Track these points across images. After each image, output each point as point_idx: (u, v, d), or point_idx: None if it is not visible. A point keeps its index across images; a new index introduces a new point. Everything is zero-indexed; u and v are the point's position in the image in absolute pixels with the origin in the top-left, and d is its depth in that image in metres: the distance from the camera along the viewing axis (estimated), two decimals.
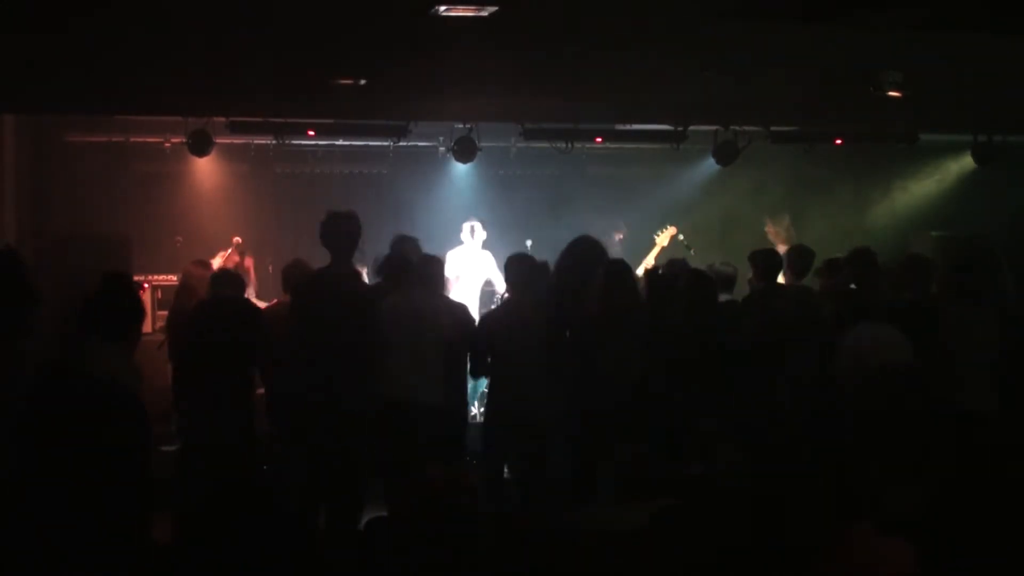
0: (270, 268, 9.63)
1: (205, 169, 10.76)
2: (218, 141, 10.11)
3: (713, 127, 10.58)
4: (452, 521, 3.32)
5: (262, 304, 7.89)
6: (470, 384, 7.76)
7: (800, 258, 7.81)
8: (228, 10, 5.34)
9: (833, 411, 6.77)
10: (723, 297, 8.03)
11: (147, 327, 8.61)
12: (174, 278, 9.12)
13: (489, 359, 6.93)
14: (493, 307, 7.45)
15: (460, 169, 10.91)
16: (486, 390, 7.49)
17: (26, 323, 4.63)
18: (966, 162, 11.57)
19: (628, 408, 6.60)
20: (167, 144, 10.49)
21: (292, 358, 6.64)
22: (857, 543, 3.80)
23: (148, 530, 4.21)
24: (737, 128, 10.53)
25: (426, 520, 3.35)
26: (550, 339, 6.73)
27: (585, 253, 6.95)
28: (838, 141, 11.10)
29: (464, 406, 7.29)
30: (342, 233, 6.62)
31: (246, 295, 7.70)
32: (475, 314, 7.70)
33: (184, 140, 10.01)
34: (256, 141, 10.65)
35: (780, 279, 7.79)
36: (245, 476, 6.53)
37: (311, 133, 10.42)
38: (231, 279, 7.39)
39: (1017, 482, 5.23)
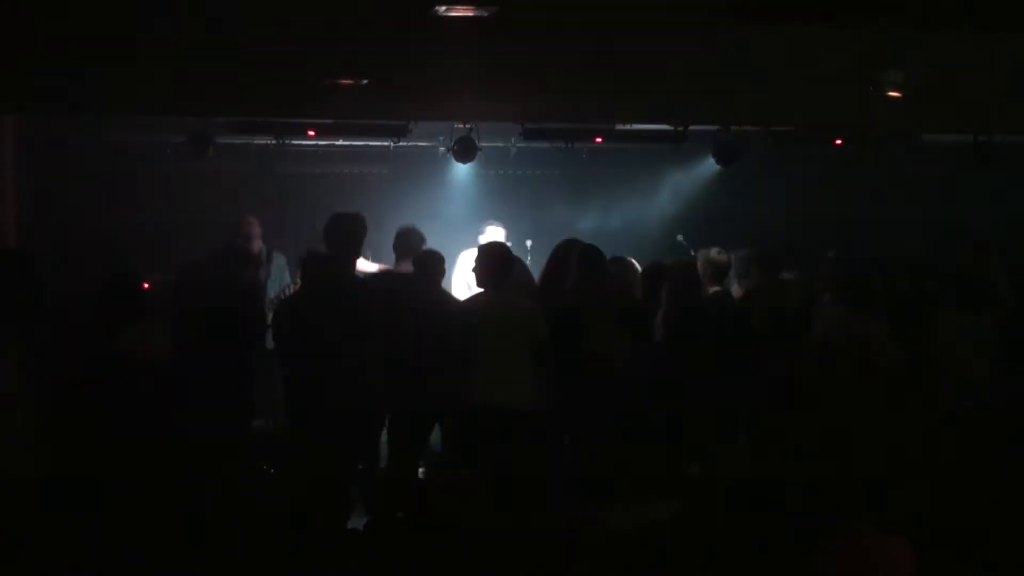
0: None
1: (205, 169, 10.74)
2: (218, 141, 10.11)
3: (713, 127, 10.58)
4: (452, 525, 3.32)
5: None
6: None
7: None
8: (228, 10, 5.34)
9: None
10: (713, 289, 8.02)
11: None
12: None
13: None
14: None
15: (460, 169, 10.89)
16: None
17: (33, 321, 4.76)
18: (965, 162, 11.55)
19: (616, 394, 6.61)
20: (167, 144, 10.48)
21: (292, 356, 6.67)
22: (857, 543, 3.80)
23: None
24: (737, 128, 10.53)
25: (426, 523, 3.35)
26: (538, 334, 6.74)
27: (565, 253, 7.05)
28: (838, 141, 11.10)
29: None
30: (346, 233, 6.65)
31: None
32: None
33: (184, 140, 10.02)
34: (256, 141, 10.64)
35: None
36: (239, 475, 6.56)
37: (311, 133, 10.41)
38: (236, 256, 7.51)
39: (1014, 480, 5.23)
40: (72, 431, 5.31)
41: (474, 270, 6.81)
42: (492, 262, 6.72)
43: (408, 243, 7.63)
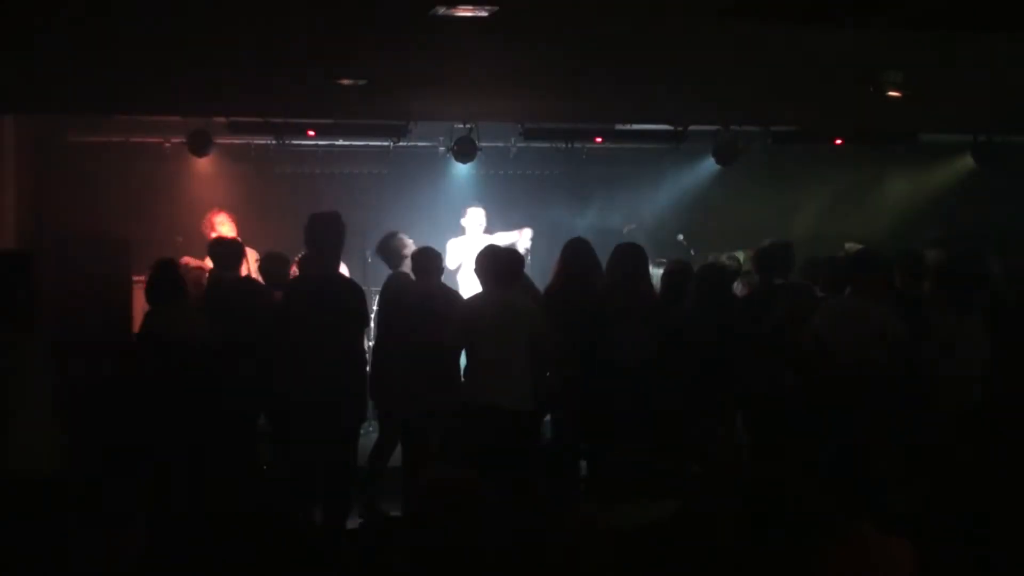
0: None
1: (205, 169, 10.75)
2: (218, 141, 10.11)
3: (713, 127, 10.59)
4: (456, 523, 3.32)
5: None
6: None
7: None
8: (228, 10, 5.34)
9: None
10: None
11: None
12: None
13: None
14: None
15: (460, 169, 10.90)
16: None
17: (30, 319, 4.86)
18: (966, 162, 11.57)
19: (637, 394, 6.60)
20: (167, 144, 10.50)
21: (282, 358, 6.66)
22: (857, 543, 3.80)
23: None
24: (737, 128, 10.53)
25: (429, 521, 3.34)
26: (553, 331, 6.76)
27: (581, 249, 7.10)
28: (838, 141, 11.11)
29: None
30: (327, 234, 6.65)
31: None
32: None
33: (184, 140, 10.03)
34: (256, 141, 10.65)
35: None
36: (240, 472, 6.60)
37: (311, 133, 10.41)
38: (231, 250, 7.60)
39: (1014, 480, 5.24)
40: (94, 416, 6.02)
41: (476, 271, 6.80)
42: (500, 266, 6.70)
43: (392, 249, 7.59)
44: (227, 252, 7.72)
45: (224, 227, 9.36)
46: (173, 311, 6.64)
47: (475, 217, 9.77)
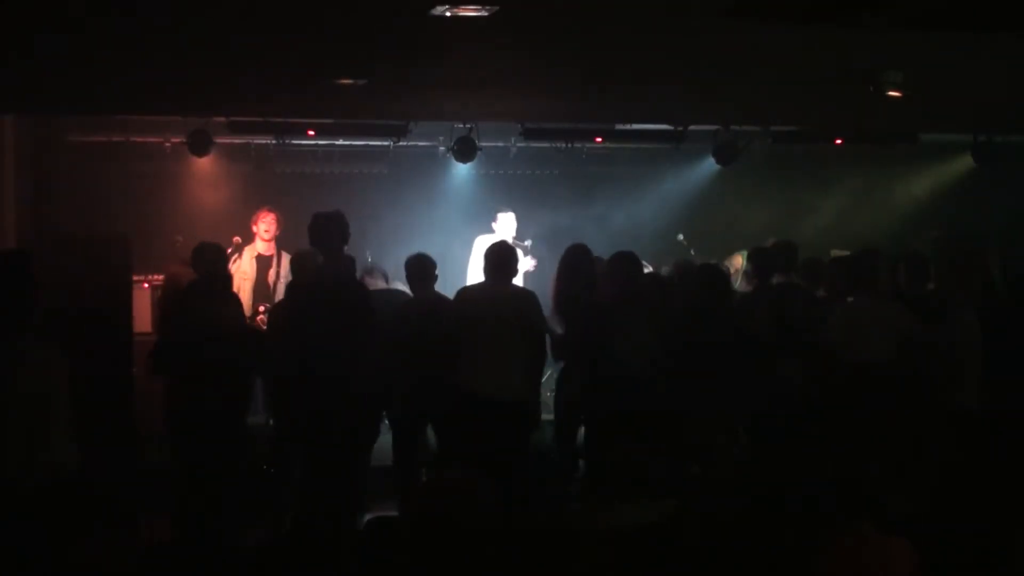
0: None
1: (205, 169, 10.76)
2: (218, 141, 10.12)
3: (713, 127, 10.59)
4: (456, 526, 3.32)
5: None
6: None
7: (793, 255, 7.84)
8: (228, 10, 5.34)
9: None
10: None
11: (146, 328, 8.64)
12: None
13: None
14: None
15: (460, 169, 10.91)
16: None
17: (29, 318, 4.85)
18: (966, 162, 11.57)
19: (640, 394, 6.61)
20: (167, 144, 10.51)
21: (290, 356, 6.65)
22: (857, 543, 3.80)
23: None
24: (737, 128, 10.53)
25: (429, 522, 3.34)
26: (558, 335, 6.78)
27: (578, 257, 7.10)
28: (838, 141, 11.12)
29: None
30: (331, 232, 6.65)
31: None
32: None
33: (184, 140, 10.03)
34: (256, 141, 10.66)
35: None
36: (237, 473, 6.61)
37: (311, 133, 10.42)
38: (211, 251, 7.57)
39: (1014, 480, 5.24)
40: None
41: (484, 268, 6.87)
42: (499, 260, 6.78)
43: (423, 269, 7.58)
44: (199, 256, 7.66)
45: (261, 226, 9.45)
46: (215, 307, 6.69)
47: (505, 223, 9.81)
